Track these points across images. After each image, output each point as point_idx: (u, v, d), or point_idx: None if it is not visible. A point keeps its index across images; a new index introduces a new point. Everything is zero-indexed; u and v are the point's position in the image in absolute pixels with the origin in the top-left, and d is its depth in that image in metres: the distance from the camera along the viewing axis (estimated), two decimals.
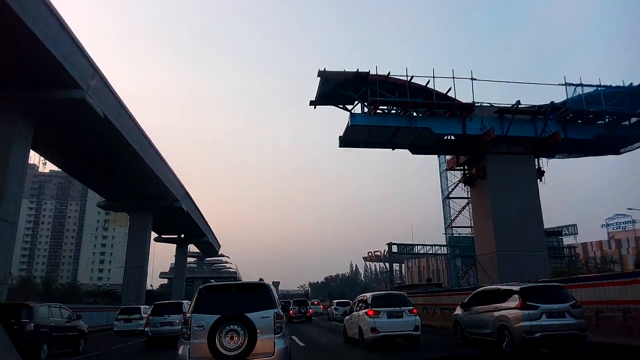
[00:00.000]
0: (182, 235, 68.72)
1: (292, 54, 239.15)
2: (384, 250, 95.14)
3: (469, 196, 36.07)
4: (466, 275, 39.97)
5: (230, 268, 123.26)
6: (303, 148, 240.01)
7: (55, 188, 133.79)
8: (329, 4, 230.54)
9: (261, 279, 8.12)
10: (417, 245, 55.21)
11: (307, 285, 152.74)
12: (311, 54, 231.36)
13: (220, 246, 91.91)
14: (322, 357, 13.64)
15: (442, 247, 52.10)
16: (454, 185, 39.02)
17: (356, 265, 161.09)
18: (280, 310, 7.36)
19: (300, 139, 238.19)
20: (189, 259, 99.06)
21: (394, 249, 50.18)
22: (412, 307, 13.57)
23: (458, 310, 14.23)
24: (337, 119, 73.34)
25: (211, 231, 76.83)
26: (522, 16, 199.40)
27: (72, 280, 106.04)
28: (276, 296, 7.77)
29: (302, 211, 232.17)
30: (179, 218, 52.00)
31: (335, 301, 37.80)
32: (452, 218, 41.58)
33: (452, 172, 38.64)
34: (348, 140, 32.33)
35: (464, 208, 38.42)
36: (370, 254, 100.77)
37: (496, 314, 11.77)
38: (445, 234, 43.95)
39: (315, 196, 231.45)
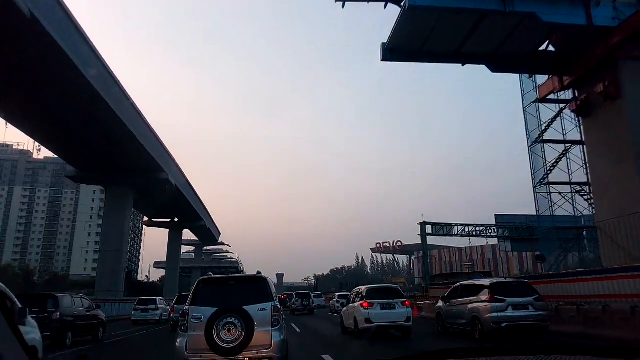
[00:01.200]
0: (176, 220, 63.86)
1: (293, 50, 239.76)
2: (394, 241, 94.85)
3: (582, 134, 23.43)
4: (562, 259, 26.10)
5: (232, 258, 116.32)
6: (310, 140, 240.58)
7: (50, 175, 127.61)
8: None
9: (259, 272, 8.11)
10: (457, 225, 42.66)
11: (313, 278, 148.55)
12: (314, 51, 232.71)
13: (220, 233, 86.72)
14: (314, 341, 14.94)
15: (489, 228, 42.35)
16: (551, 120, 24.59)
17: (362, 257, 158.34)
18: (277, 304, 7.41)
19: (306, 131, 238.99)
20: (186, 248, 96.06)
21: (428, 229, 40.45)
22: (405, 299, 14.51)
23: (440, 303, 15.59)
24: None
25: (209, 216, 71.44)
26: None
27: (67, 272, 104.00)
28: (274, 289, 7.79)
29: (307, 203, 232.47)
30: (170, 198, 45.98)
31: (337, 294, 37.68)
32: (547, 169, 24.74)
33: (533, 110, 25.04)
34: (398, 44, 21.01)
35: (565, 154, 24.60)
36: (378, 245, 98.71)
37: (470, 306, 13.13)
38: (535, 192, 23.90)
39: (320, 188, 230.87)
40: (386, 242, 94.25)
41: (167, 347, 9.53)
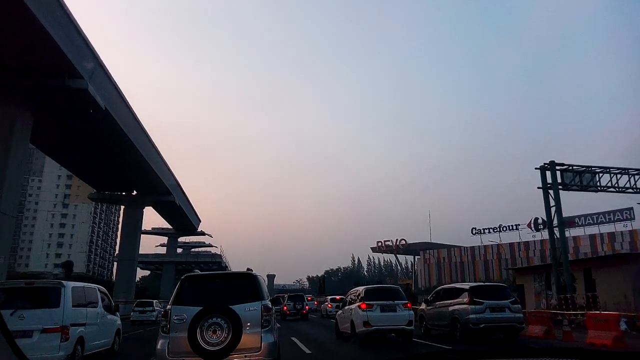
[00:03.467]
0: (134, 192, 47.85)
1: (291, 45, 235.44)
2: (397, 239, 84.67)
3: None
4: None
5: (214, 251, 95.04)
6: (302, 139, 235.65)
7: None
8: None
9: (249, 269, 7.64)
10: (607, 170, 23.50)
11: (306, 280, 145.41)
12: (312, 45, 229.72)
13: (199, 221, 73.39)
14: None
15: None
16: None
17: (358, 258, 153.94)
18: (269, 303, 6.94)
19: (299, 130, 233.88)
20: (159, 240, 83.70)
21: (559, 178, 22.74)
22: (407, 301, 13.26)
23: (423, 306, 16.21)
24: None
25: (183, 193, 56.00)
26: None
27: (26, 268, 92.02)
28: (265, 288, 7.32)
29: (300, 204, 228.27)
30: (118, 152, 35.09)
31: (330, 297, 35.54)
32: None
33: None
34: None
35: None
36: (380, 243, 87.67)
37: (450, 308, 13.65)
38: None
39: (314, 188, 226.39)
40: (388, 241, 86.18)
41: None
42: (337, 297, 32.79)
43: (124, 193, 48.51)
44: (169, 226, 71.36)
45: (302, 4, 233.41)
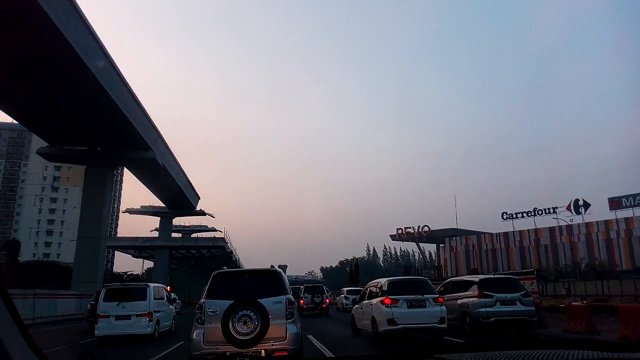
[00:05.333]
0: (99, 149, 36.44)
1: (300, 42, 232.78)
2: (419, 226, 77.12)
3: None
4: None
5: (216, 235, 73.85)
6: (314, 128, 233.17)
7: (5, 144, 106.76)
8: None
9: (272, 266, 8.29)
10: None
11: (319, 271, 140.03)
12: (320, 41, 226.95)
13: (198, 198, 63.09)
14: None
15: None
16: None
17: (374, 248, 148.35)
18: (292, 297, 7.62)
19: (308, 122, 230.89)
20: (153, 222, 68.90)
21: None
22: (437, 296, 11.73)
23: None
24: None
25: (173, 157, 45.13)
26: None
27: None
28: (287, 283, 7.96)
29: (312, 194, 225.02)
30: (75, 86, 26.30)
31: (346, 289, 32.87)
32: None
33: None
34: None
35: None
36: (400, 231, 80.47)
37: (459, 301, 13.50)
38: None
39: (327, 178, 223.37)
40: (409, 228, 78.86)
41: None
42: (354, 288, 30.98)
43: (84, 148, 36.46)
44: (162, 205, 60.92)
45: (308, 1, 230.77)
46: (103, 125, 32.69)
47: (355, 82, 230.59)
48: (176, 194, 53.17)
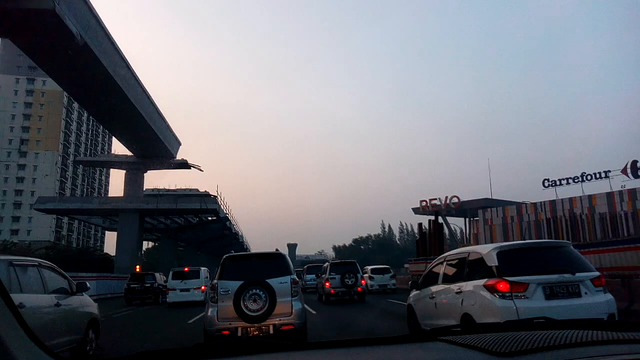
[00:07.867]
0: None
1: (299, 20, 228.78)
2: (446, 197, 65.43)
3: None
4: None
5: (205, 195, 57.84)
6: (329, 104, 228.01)
7: None
8: None
9: (277, 250, 9.10)
10: None
11: (332, 249, 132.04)
12: (321, 20, 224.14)
13: (179, 144, 50.77)
14: None
15: None
16: None
17: (389, 225, 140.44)
18: (296, 277, 8.53)
19: (326, 95, 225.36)
20: (116, 179, 57.17)
21: None
22: (597, 274, 6.29)
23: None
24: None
25: (128, 66, 35.48)
26: None
27: None
28: (291, 264, 8.82)
29: (322, 172, 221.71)
30: None
31: (370, 267, 26.94)
32: None
33: None
34: None
35: None
36: (424, 203, 67.75)
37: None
38: None
39: (336, 155, 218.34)
40: (435, 199, 66.24)
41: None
42: (381, 267, 26.96)
43: None
44: (129, 153, 47.08)
45: None
46: None
47: (375, 50, 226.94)
48: (144, 134, 41.75)
